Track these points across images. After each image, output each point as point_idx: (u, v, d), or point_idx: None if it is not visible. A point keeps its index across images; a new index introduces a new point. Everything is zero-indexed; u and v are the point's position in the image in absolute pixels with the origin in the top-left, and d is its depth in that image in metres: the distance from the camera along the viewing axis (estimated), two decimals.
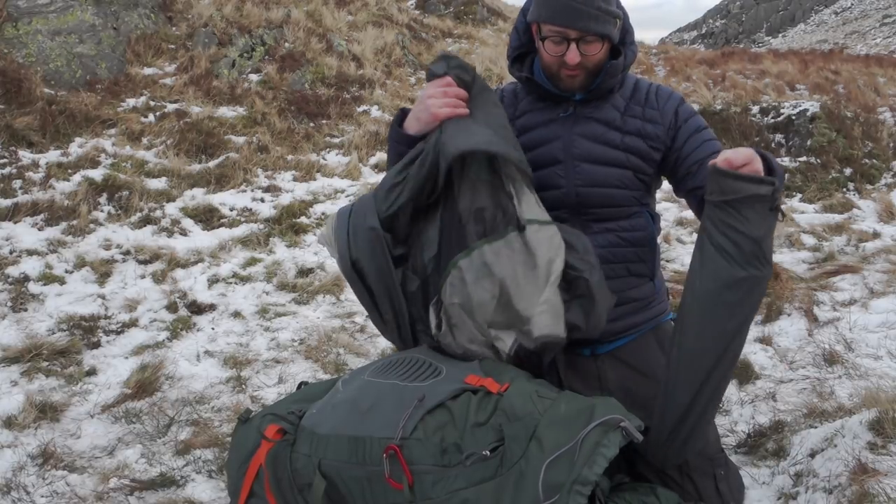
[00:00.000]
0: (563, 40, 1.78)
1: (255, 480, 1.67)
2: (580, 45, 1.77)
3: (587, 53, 1.79)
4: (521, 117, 1.98)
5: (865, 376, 2.84)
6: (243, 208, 5.61)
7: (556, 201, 1.90)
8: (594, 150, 1.90)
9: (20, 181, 5.13)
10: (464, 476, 1.41)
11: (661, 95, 1.95)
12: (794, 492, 2.12)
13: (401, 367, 1.70)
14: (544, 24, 1.80)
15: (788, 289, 3.83)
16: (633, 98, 1.94)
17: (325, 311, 4.13)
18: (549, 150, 1.92)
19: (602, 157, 1.90)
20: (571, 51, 1.78)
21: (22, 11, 7.02)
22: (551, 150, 1.92)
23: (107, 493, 2.36)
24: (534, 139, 1.94)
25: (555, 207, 1.88)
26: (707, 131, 1.94)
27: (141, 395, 3.05)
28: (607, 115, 1.92)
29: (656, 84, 2.01)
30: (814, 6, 51.22)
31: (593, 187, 1.91)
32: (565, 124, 1.92)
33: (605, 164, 1.90)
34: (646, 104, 1.93)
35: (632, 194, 1.94)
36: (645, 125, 1.91)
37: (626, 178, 1.92)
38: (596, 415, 1.43)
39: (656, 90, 1.97)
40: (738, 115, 7.88)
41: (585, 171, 1.90)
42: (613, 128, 1.91)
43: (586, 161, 1.90)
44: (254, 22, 9.25)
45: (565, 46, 1.78)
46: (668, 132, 1.91)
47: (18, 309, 3.81)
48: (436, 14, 14.59)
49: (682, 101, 1.98)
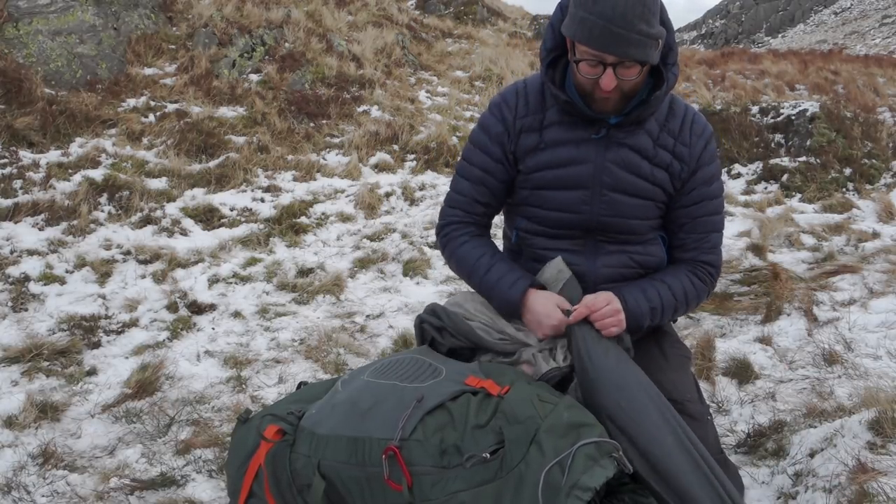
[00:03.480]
0: (598, 63, 1.65)
1: (255, 481, 1.67)
2: (617, 69, 1.64)
3: (624, 78, 1.66)
4: (549, 128, 1.84)
5: (865, 376, 2.85)
6: (243, 208, 5.61)
7: (573, 224, 1.85)
8: (625, 180, 1.81)
9: (20, 181, 5.13)
10: (463, 478, 1.41)
11: (695, 130, 1.85)
12: (794, 491, 2.12)
13: (401, 368, 1.70)
14: (580, 44, 1.66)
15: (788, 289, 3.84)
16: (667, 126, 1.83)
17: (325, 311, 4.13)
18: (578, 172, 1.82)
19: (631, 188, 1.82)
20: (607, 76, 1.64)
21: (22, 11, 7.02)
22: (580, 174, 1.82)
23: (107, 492, 2.36)
24: (562, 157, 1.82)
25: (569, 228, 1.85)
26: (717, 184, 1.89)
27: (141, 394, 3.05)
28: (640, 143, 1.81)
29: (693, 110, 1.88)
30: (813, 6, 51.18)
31: (616, 217, 1.83)
32: (598, 147, 1.80)
33: (632, 196, 1.82)
34: (678, 137, 1.83)
35: (650, 223, 1.89)
36: (673, 162, 1.83)
37: (648, 209, 1.86)
38: (595, 430, 1.44)
39: (691, 122, 1.85)
40: (738, 115, 7.88)
41: (612, 201, 1.82)
42: (645, 157, 1.81)
43: (614, 191, 1.81)
44: (254, 22, 9.25)
45: (601, 70, 1.65)
46: (688, 171, 1.85)
47: (19, 309, 3.81)
48: (436, 14, 14.60)
49: (712, 137, 1.88)
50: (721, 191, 1.92)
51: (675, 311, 1.89)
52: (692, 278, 1.89)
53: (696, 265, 1.90)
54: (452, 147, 7.40)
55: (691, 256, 1.91)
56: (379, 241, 5.23)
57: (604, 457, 1.40)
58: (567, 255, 1.88)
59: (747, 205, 6.27)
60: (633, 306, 1.78)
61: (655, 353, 1.96)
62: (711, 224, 1.90)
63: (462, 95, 9.57)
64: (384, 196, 6.17)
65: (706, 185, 1.86)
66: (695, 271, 1.90)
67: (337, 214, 5.71)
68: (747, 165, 7.27)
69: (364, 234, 5.36)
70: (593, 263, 1.88)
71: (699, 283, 1.90)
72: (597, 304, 1.72)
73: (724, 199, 1.95)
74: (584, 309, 1.72)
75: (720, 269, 1.96)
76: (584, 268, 1.88)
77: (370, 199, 5.97)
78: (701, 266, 1.90)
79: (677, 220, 1.89)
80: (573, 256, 1.88)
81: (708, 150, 1.86)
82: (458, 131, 7.90)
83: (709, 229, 1.90)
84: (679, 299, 1.86)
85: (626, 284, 1.85)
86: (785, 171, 6.85)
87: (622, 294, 1.79)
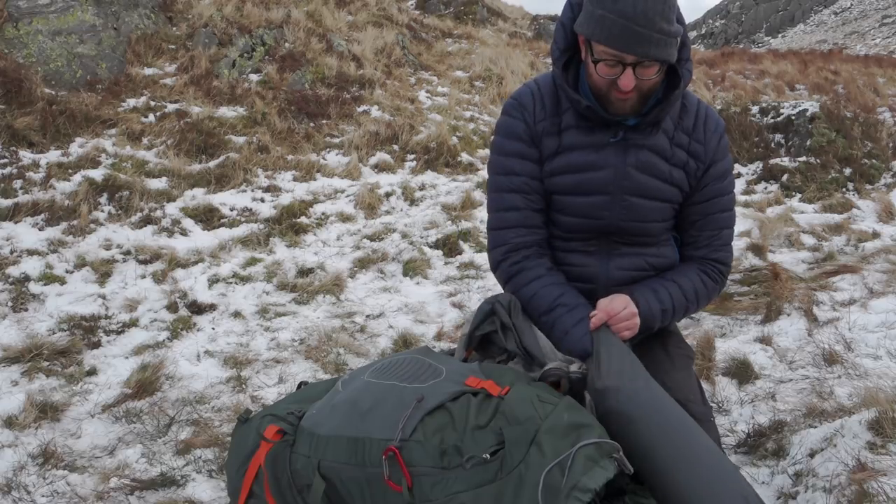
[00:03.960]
0: (617, 63, 1.60)
1: (255, 481, 1.66)
2: (636, 69, 1.59)
3: (643, 78, 1.62)
4: (567, 132, 1.78)
5: (865, 376, 2.85)
6: (243, 208, 5.61)
7: (592, 229, 1.82)
8: (645, 184, 1.77)
9: (21, 181, 5.13)
10: (463, 479, 1.41)
11: (709, 126, 1.81)
12: (794, 491, 2.12)
13: (401, 368, 1.69)
14: (598, 44, 1.60)
15: (788, 289, 3.84)
16: (681, 124, 1.79)
17: (325, 311, 4.13)
18: (598, 178, 1.77)
19: (651, 191, 1.78)
20: (626, 76, 1.60)
21: (22, 12, 7.02)
22: (600, 179, 1.77)
23: (107, 492, 2.37)
24: (580, 162, 1.77)
25: (585, 231, 1.83)
26: (730, 179, 1.87)
27: (141, 394, 3.05)
28: (658, 143, 1.77)
29: (705, 105, 1.85)
30: (813, 6, 51.18)
31: (635, 222, 1.80)
32: (617, 151, 1.75)
33: (651, 199, 1.79)
34: (693, 134, 1.79)
35: (665, 225, 1.87)
36: (689, 160, 1.79)
37: (665, 211, 1.83)
38: (595, 431, 1.44)
39: (705, 118, 1.82)
40: (738, 115, 7.88)
41: (631, 206, 1.78)
42: (663, 157, 1.78)
43: (634, 195, 1.77)
44: (254, 22, 9.25)
45: (619, 70, 1.60)
46: (703, 168, 1.82)
47: (19, 309, 3.81)
48: (436, 14, 14.60)
49: (724, 131, 1.86)
50: (733, 186, 1.89)
51: (686, 312, 1.88)
52: (703, 276, 1.87)
53: (706, 263, 1.89)
54: (452, 147, 7.40)
55: (702, 254, 1.89)
56: (379, 241, 5.23)
57: (604, 458, 1.39)
58: (579, 256, 1.86)
59: (747, 205, 6.27)
60: (644, 309, 1.77)
61: (660, 353, 1.95)
62: (724, 221, 1.88)
63: (462, 95, 9.57)
64: (384, 196, 6.17)
65: (719, 181, 1.84)
66: (705, 269, 1.88)
67: (337, 214, 5.71)
68: (747, 165, 7.27)
69: (364, 234, 5.36)
70: (606, 266, 1.85)
71: (710, 282, 1.88)
72: (615, 308, 1.71)
73: (735, 196, 1.92)
74: (604, 314, 1.71)
75: (730, 267, 1.94)
76: (596, 270, 1.86)
77: (370, 199, 5.97)
78: (711, 264, 1.89)
79: (689, 217, 1.87)
80: (586, 258, 1.86)
81: (721, 145, 1.83)
82: (458, 131, 7.90)
83: (721, 226, 1.88)
84: (689, 299, 1.85)
85: (637, 285, 1.83)
86: (785, 171, 6.85)
87: (635, 297, 1.77)
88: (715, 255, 1.89)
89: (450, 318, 4.03)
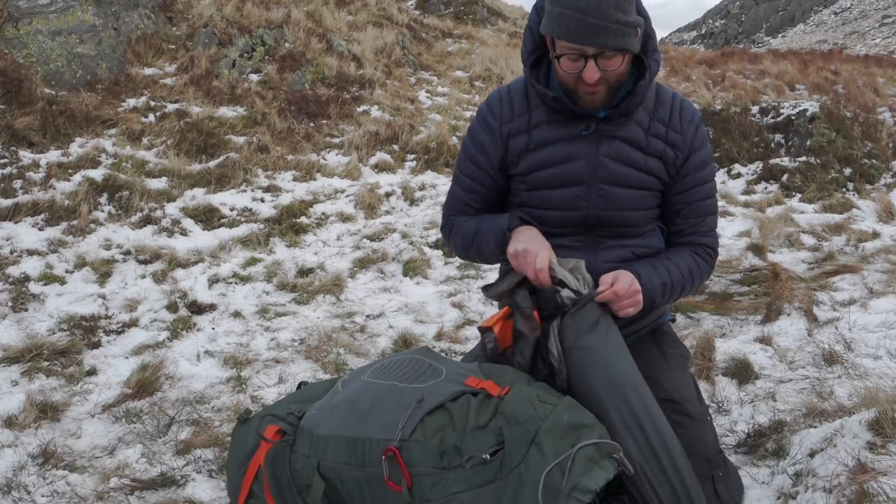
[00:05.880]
0: (579, 57, 1.65)
1: (255, 481, 1.67)
2: (598, 60, 1.65)
3: (606, 69, 1.66)
4: (538, 128, 1.84)
5: (865, 376, 2.85)
6: (243, 208, 5.61)
7: (573, 221, 1.86)
8: (620, 172, 1.82)
9: (21, 181, 5.14)
10: (463, 479, 1.41)
11: (685, 116, 1.86)
12: (794, 491, 2.12)
13: (401, 368, 1.70)
14: (559, 40, 1.66)
15: (788, 289, 3.83)
16: (657, 115, 1.84)
17: (325, 311, 4.13)
18: (572, 169, 1.82)
19: (626, 180, 1.83)
20: (589, 68, 1.65)
21: (22, 12, 7.02)
22: (574, 170, 1.82)
23: (107, 492, 2.37)
24: (554, 156, 1.83)
25: (569, 225, 1.86)
26: (710, 167, 1.91)
27: (141, 394, 3.05)
28: (632, 134, 1.81)
29: (679, 97, 1.90)
30: (813, 6, 51.20)
31: (614, 210, 1.84)
32: (589, 143, 1.81)
33: (628, 187, 1.84)
34: (669, 124, 1.84)
35: (648, 214, 1.91)
36: (667, 149, 1.84)
37: (645, 199, 1.87)
38: (596, 431, 1.44)
39: (680, 108, 1.87)
40: (738, 115, 7.88)
41: (608, 195, 1.83)
42: (637, 147, 1.82)
43: (610, 184, 1.82)
44: (254, 22, 9.25)
45: (582, 63, 1.66)
46: (682, 157, 1.86)
47: (19, 309, 3.81)
48: (436, 14, 14.60)
49: (701, 122, 1.91)
50: (713, 174, 1.95)
51: (683, 290, 1.91)
52: (695, 257, 1.92)
53: (695, 247, 1.94)
54: (452, 147, 7.41)
55: (690, 240, 1.94)
56: (379, 241, 5.23)
57: (604, 458, 1.39)
58: (567, 251, 1.88)
59: (747, 205, 6.27)
60: (647, 282, 1.79)
61: (654, 352, 1.96)
62: (707, 207, 1.93)
63: (462, 95, 9.57)
64: (384, 196, 6.17)
65: (699, 170, 1.89)
66: (696, 251, 1.93)
67: (337, 214, 5.72)
68: (747, 165, 7.27)
69: (364, 234, 5.36)
70: (594, 259, 1.87)
71: (702, 262, 1.93)
72: (622, 287, 1.71)
73: (716, 183, 1.97)
74: (611, 293, 1.71)
75: (717, 252, 2.00)
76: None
77: (370, 199, 5.97)
78: (700, 248, 1.94)
79: (673, 206, 1.92)
80: (573, 253, 1.88)
81: (699, 135, 1.89)
82: (458, 131, 7.90)
83: (705, 213, 1.93)
84: (686, 276, 1.89)
85: (636, 262, 1.86)
86: (785, 171, 6.85)
87: (635, 270, 1.80)
88: (702, 241, 1.94)
89: (450, 318, 4.03)
